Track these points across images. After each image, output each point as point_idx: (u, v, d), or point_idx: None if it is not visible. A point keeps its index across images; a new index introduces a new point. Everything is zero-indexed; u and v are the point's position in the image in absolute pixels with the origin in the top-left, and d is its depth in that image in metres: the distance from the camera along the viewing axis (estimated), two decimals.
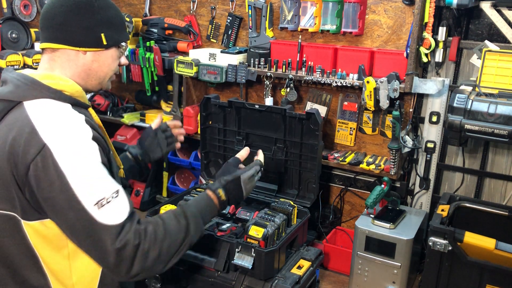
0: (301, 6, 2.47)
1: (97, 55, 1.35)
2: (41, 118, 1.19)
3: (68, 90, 1.29)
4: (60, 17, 1.29)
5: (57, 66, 1.33)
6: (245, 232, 1.89)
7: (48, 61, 1.33)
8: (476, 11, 2.18)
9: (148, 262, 1.23)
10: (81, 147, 1.19)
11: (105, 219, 1.16)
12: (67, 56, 1.32)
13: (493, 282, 1.88)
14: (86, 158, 1.18)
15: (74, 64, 1.33)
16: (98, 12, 1.32)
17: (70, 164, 1.15)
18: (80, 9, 1.30)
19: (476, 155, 2.34)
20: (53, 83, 1.27)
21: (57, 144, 1.15)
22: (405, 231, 2.15)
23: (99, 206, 1.16)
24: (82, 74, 1.35)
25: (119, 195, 1.21)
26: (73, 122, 1.22)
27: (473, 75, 2.24)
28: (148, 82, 2.93)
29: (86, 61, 1.34)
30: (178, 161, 2.99)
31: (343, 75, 2.35)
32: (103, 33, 1.34)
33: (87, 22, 1.31)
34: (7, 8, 2.72)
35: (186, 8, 2.94)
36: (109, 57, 1.39)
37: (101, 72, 1.39)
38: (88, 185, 1.16)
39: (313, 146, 2.27)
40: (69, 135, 1.18)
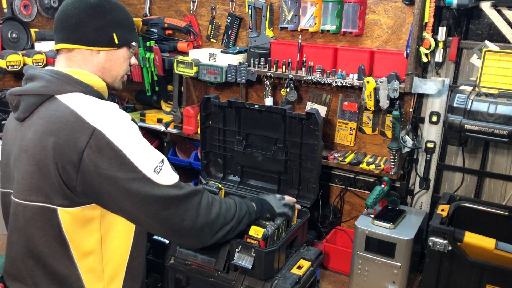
0: (301, 6, 2.47)
1: (109, 54, 1.43)
2: (83, 107, 1.26)
3: (96, 85, 1.39)
4: (74, 18, 1.36)
5: (75, 65, 1.40)
6: (245, 232, 1.89)
7: (65, 60, 1.40)
8: (476, 11, 2.19)
9: (211, 216, 1.45)
10: (127, 125, 1.29)
11: (166, 181, 1.31)
12: (83, 55, 1.40)
13: (493, 282, 1.88)
14: (134, 134, 1.29)
15: (90, 63, 1.41)
16: (109, 13, 1.40)
17: (123, 140, 1.24)
18: (92, 10, 1.38)
19: (476, 155, 2.34)
20: (84, 78, 1.35)
21: (106, 126, 1.23)
22: (405, 231, 2.15)
23: (157, 172, 1.29)
24: (98, 72, 1.42)
25: (164, 163, 1.34)
26: (111, 107, 1.31)
27: (473, 75, 2.24)
28: (148, 82, 2.93)
29: (100, 60, 1.42)
30: (178, 161, 2.99)
31: (343, 75, 2.35)
32: (114, 33, 1.42)
33: (100, 23, 1.39)
34: (7, 8, 2.71)
35: (186, 8, 2.94)
36: (120, 57, 1.47)
37: (113, 71, 1.46)
38: (144, 156, 1.27)
39: (313, 146, 2.27)
40: (113, 117, 1.28)
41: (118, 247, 1.37)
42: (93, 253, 1.33)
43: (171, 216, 1.33)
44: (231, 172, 2.57)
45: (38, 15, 2.92)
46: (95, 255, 1.33)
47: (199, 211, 1.40)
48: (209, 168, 2.60)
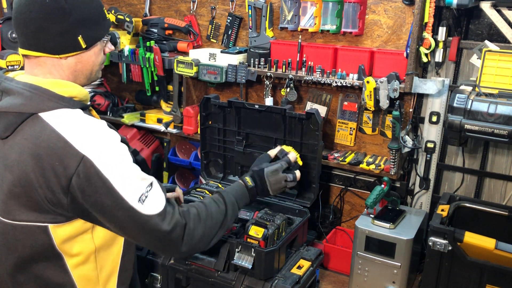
0: (301, 6, 2.47)
1: (79, 57, 1.31)
2: (70, 130, 1.20)
3: (78, 95, 1.29)
4: (32, 24, 1.23)
5: (47, 71, 1.29)
6: (245, 232, 1.89)
7: (36, 66, 1.29)
8: (476, 11, 2.18)
9: (194, 240, 1.36)
10: (116, 151, 1.24)
11: (150, 211, 1.25)
12: (51, 61, 1.28)
13: (493, 282, 1.88)
14: (122, 160, 1.25)
15: (60, 69, 1.30)
16: (70, 14, 1.24)
17: (111, 169, 1.20)
18: (50, 13, 1.22)
19: (476, 155, 2.34)
20: (64, 91, 1.26)
21: (95, 153, 1.19)
22: (405, 231, 2.15)
23: (142, 201, 1.24)
24: (70, 76, 1.32)
25: (153, 187, 1.29)
26: (100, 129, 1.25)
27: (473, 75, 2.24)
28: (148, 82, 2.93)
29: (69, 64, 1.30)
30: (178, 161, 2.99)
31: (343, 75, 2.35)
32: (80, 35, 1.27)
33: (61, 27, 1.24)
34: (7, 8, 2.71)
35: (186, 8, 2.94)
36: (91, 55, 1.34)
37: (86, 71, 1.35)
38: (130, 185, 1.23)
39: (313, 146, 2.27)
40: (102, 142, 1.22)
41: (111, 252, 1.37)
42: (87, 261, 1.32)
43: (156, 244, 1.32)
44: (231, 172, 2.57)
45: None
46: (89, 263, 1.32)
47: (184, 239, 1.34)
48: (209, 168, 2.60)
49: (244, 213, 2.17)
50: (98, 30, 1.34)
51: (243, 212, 2.18)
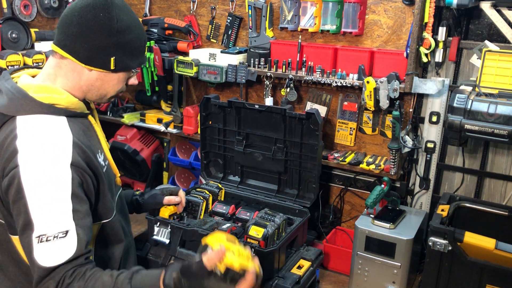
0: (301, 6, 2.47)
1: (102, 75, 1.32)
2: (25, 139, 1.19)
3: (62, 103, 1.27)
4: (76, 28, 1.25)
5: (61, 74, 1.30)
6: (245, 232, 1.89)
7: (54, 66, 1.30)
8: (476, 11, 2.18)
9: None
10: (51, 175, 1.17)
11: (38, 257, 1.14)
12: (73, 66, 1.29)
13: (493, 282, 1.88)
14: (52, 188, 1.16)
15: (78, 77, 1.30)
16: (115, 35, 1.28)
17: (33, 189, 1.15)
18: (98, 27, 1.26)
19: (476, 155, 2.34)
20: (46, 97, 1.24)
21: (27, 168, 1.16)
22: (405, 231, 2.15)
23: (39, 241, 1.14)
24: (84, 87, 1.32)
25: (66, 236, 1.15)
26: (54, 145, 1.20)
27: (473, 75, 2.24)
28: (148, 82, 2.93)
29: (90, 77, 1.31)
30: (178, 161, 2.99)
31: (343, 75, 2.35)
32: (114, 57, 1.29)
33: (101, 42, 1.27)
34: (7, 8, 2.71)
35: (186, 8, 2.94)
36: (114, 79, 1.35)
37: (102, 90, 1.35)
38: (43, 215, 1.15)
39: (313, 146, 2.27)
40: (43, 160, 1.17)
41: None
42: None
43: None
44: (231, 172, 2.57)
45: (38, 15, 2.92)
46: None
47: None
48: (209, 168, 2.60)
49: (244, 213, 2.17)
50: (131, 60, 1.35)
51: (243, 212, 2.18)
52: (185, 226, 2.00)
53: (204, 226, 2.08)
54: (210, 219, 2.18)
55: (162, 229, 2.03)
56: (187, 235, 1.98)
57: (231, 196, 2.40)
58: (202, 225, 2.09)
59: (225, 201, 2.30)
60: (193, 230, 1.97)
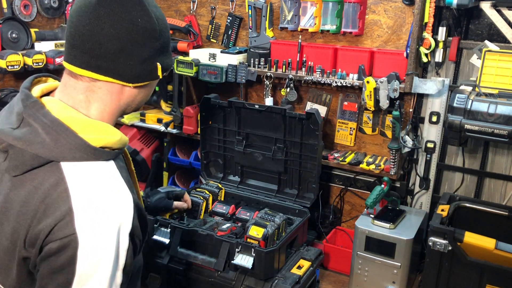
0: (301, 6, 2.47)
1: (146, 86, 1.10)
2: (81, 198, 0.96)
3: (116, 146, 1.04)
4: (114, 44, 0.99)
5: (96, 99, 1.04)
6: (245, 232, 1.89)
7: (85, 91, 1.04)
8: (476, 11, 2.18)
9: None
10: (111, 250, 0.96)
11: None
12: (111, 88, 1.05)
13: (493, 282, 1.88)
14: (108, 266, 0.96)
15: (117, 98, 1.07)
16: (158, 39, 1.05)
17: (88, 267, 0.94)
18: (140, 36, 1.01)
19: (476, 155, 2.34)
20: (98, 139, 1.00)
21: (88, 239, 0.94)
22: (405, 231, 2.15)
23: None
24: (123, 107, 1.09)
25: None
26: (117, 211, 0.98)
27: (473, 75, 2.24)
28: None
29: (131, 94, 1.08)
30: (178, 161, 2.99)
31: (343, 75, 2.35)
32: (159, 62, 1.08)
33: (148, 53, 1.04)
34: (7, 8, 2.71)
35: (186, 8, 2.94)
36: (154, 85, 1.15)
37: (140, 103, 1.14)
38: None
39: (313, 146, 2.27)
40: (105, 230, 0.96)
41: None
42: None
43: None
44: (231, 172, 2.57)
45: (38, 15, 2.91)
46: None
47: None
48: (209, 168, 2.60)
49: (244, 213, 2.17)
50: (170, 57, 1.15)
51: (243, 212, 2.18)
52: (185, 226, 2.01)
53: (204, 226, 2.09)
54: (210, 219, 2.18)
55: (162, 229, 2.03)
56: (187, 235, 1.98)
57: (231, 196, 2.40)
58: (202, 225, 2.09)
59: (225, 201, 2.30)
60: (193, 230, 1.97)
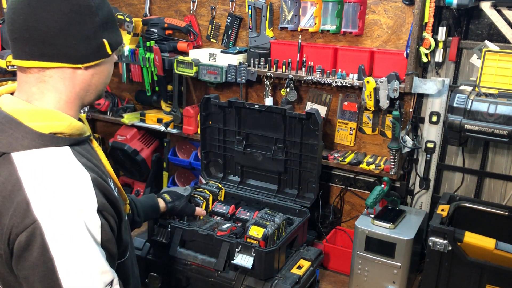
0: (301, 6, 2.47)
1: (98, 67, 1.09)
2: (34, 186, 0.95)
3: (66, 131, 1.03)
4: (49, 27, 0.98)
5: (49, 89, 1.04)
6: (245, 232, 1.89)
7: (37, 83, 1.03)
8: (476, 11, 2.18)
9: None
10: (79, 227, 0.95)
11: None
12: (62, 74, 1.04)
13: (493, 282, 1.88)
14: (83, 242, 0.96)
15: (71, 83, 1.06)
16: (97, 14, 1.04)
17: (63, 249, 0.93)
18: (78, 14, 1.01)
19: (476, 155, 2.34)
20: (45, 125, 1.00)
21: (51, 223, 0.93)
22: (405, 231, 2.15)
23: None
24: (81, 92, 1.09)
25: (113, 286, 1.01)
26: (74, 190, 0.97)
27: (473, 75, 2.24)
28: (148, 82, 2.93)
29: (85, 77, 1.08)
30: (178, 161, 2.99)
31: (343, 75, 2.35)
32: (105, 38, 1.07)
33: (89, 30, 1.03)
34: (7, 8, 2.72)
35: (186, 8, 2.94)
36: (109, 65, 1.14)
37: (100, 85, 1.13)
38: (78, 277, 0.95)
39: (313, 146, 2.27)
40: (67, 212, 0.95)
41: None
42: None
43: None
44: (231, 172, 2.57)
45: None
46: None
47: None
48: (209, 168, 2.60)
49: (244, 213, 2.17)
50: (118, 34, 1.15)
51: (243, 212, 2.18)
52: (185, 226, 2.01)
53: (204, 226, 2.09)
54: (210, 219, 2.18)
55: (162, 229, 2.03)
56: (187, 235, 1.98)
57: (231, 196, 2.40)
58: (202, 225, 2.09)
59: (225, 201, 2.30)
60: (193, 230, 1.97)
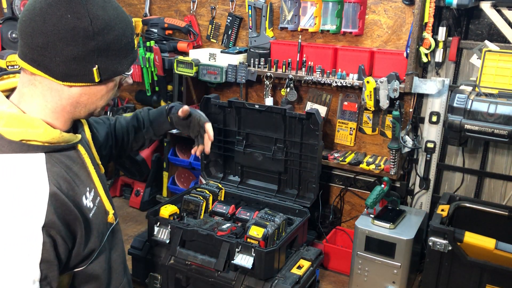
0: (301, 6, 2.47)
1: (87, 89, 1.06)
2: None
3: (39, 139, 1.01)
4: (42, 37, 0.98)
5: (37, 94, 1.04)
6: (245, 232, 1.89)
7: (29, 85, 1.04)
8: (476, 11, 2.18)
9: None
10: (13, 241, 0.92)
11: None
12: (49, 84, 1.03)
13: (493, 282, 1.88)
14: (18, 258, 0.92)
15: (58, 96, 1.04)
16: (92, 38, 1.00)
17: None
18: (67, 33, 0.97)
19: (476, 155, 2.34)
20: (17, 132, 0.98)
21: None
22: (405, 231, 2.15)
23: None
24: (68, 107, 1.07)
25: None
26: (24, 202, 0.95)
27: (473, 75, 2.24)
28: (148, 82, 2.93)
29: (71, 94, 1.05)
30: (178, 161, 2.99)
31: (343, 75, 2.35)
32: (96, 66, 1.02)
33: (77, 52, 0.99)
34: (7, 8, 2.72)
35: (186, 8, 2.94)
36: (102, 90, 1.09)
37: (90, 105, 1.09)
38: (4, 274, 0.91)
39: (313, 146, 2.27)
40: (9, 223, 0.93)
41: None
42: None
43: None
44: (231, 172, 2.57)
45: None
46: None
47: None
48: (209, 168, 2.60)
49: (244, 213, 2.17)
50: (120, 64, 1.08)
51: (243, 212, 2.18)
52: (185, 226, 2.01)
53: (204, 226, 2.09)
54: (210, 219, 2.18)
55: (162, 229, 2.03)
56: (187, 235, 1.98)
57: (231, 196, 2.40)
58: (202, 225, 2.09)
59: (225, 201, 2.30)
60: (193, 230, 1.97)
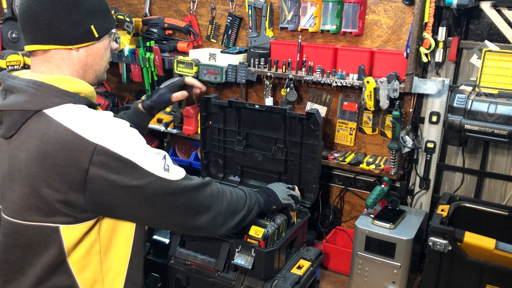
0: (301, 6, 2.47)
1: (90, 49, 1.32)
2: (77, 122, 1.18)
3: (84, 91, 1.28)
4: (44, 15, 1.22)
5: (54, 67, 1.29)
6: (245, 232, 1.89)
7: (43, 63, 1.29)
8: (476, 11, 2.18)
9: (222, 206, 1.47)
10: (128, 133, 1.24)
11: (177, 176, 1.31)
12: (61, 55, 1.28)
13: (493, 282, 1.88)
14: (136, 140, 1.24)
15: (70, 63, 1.30)
16: (83, 3, 1.27)
17: (129, 149, 1.20)
18: (64, 3, 1.24)
19: (476, 155, 2.34)
20: (70, 86, 1.25)
21: (107, 139, 1.17)
22: (405, 231, 2.15)
23: (167, 170, 1.28)
24: (80, 71, 1.32)
25: (166, 159, 1.31)
26: (107, 117, 1.24)
27: (473, 75, 2.24)
28: (148, 82, 2.93)
29: (80, 57, 1.30)
30: (178, 161, 2.99)
31: (343, 75, 2.35)
32: (92, 24, 1.30)
33: (75, 17, 1.25)
34: (7, 8, 2.72)
35: (186, 8, 2.94)
36: (101, 48, 1.36)
37: (96, 65, 1.36)
38: (151, 159, 1.24)
39: (313, 146, 2.27)
40: (112, 128, 1.21)
41: (117, 255, 1.34)
42: (91, 264, 1.29)
43: (186, 209, 1.34)
44: (231, 172, 2.57)
45: None
46: (94, 266, 1.30)
47: (211, 200, 1.42)
48: (209, 168, 2.60)
49: None
50: (107, 22, 1.36)
51: None
52: None
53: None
54: None
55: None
56: (187, 235, 1.98)
57: None
58: None
59: None
60: None
